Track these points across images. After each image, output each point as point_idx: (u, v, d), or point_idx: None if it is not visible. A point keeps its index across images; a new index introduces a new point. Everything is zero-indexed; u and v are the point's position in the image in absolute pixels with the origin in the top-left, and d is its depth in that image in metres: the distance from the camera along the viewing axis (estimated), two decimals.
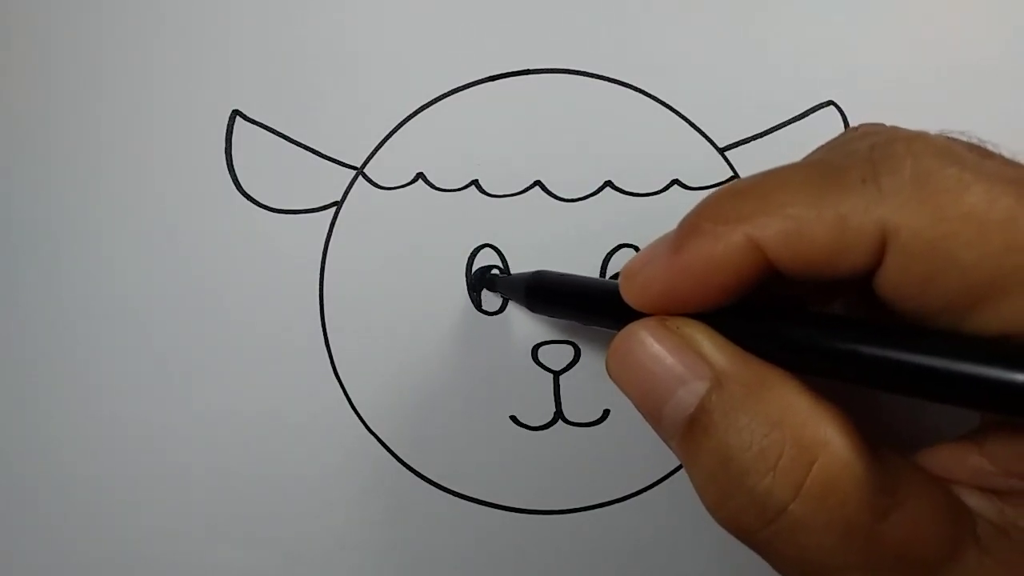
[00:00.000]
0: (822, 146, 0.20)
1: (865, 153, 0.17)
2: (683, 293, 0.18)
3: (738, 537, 0.18)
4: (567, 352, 0.30)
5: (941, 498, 0.17)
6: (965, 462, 0.18)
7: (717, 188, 0.19)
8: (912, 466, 0.18)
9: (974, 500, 0.18)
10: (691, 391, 0.18)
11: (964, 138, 0.18)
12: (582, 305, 0.24)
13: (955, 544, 0.17)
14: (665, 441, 0.19)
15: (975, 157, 0.16)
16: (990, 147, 0.17)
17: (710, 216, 0.18)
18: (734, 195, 0.18)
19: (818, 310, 0.20)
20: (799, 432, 0.17)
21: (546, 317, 0.29)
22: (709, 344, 0.18)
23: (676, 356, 0.18)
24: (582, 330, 0.29)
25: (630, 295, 0.19)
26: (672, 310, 0.19)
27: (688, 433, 0.18)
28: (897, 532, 0.16)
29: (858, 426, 0.17)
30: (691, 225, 0.18)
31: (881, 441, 0.17)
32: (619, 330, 0.20)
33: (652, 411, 0.19)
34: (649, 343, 0.19)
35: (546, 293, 0.26)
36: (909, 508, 0.17)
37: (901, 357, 0.15)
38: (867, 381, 0.16)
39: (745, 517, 0.17)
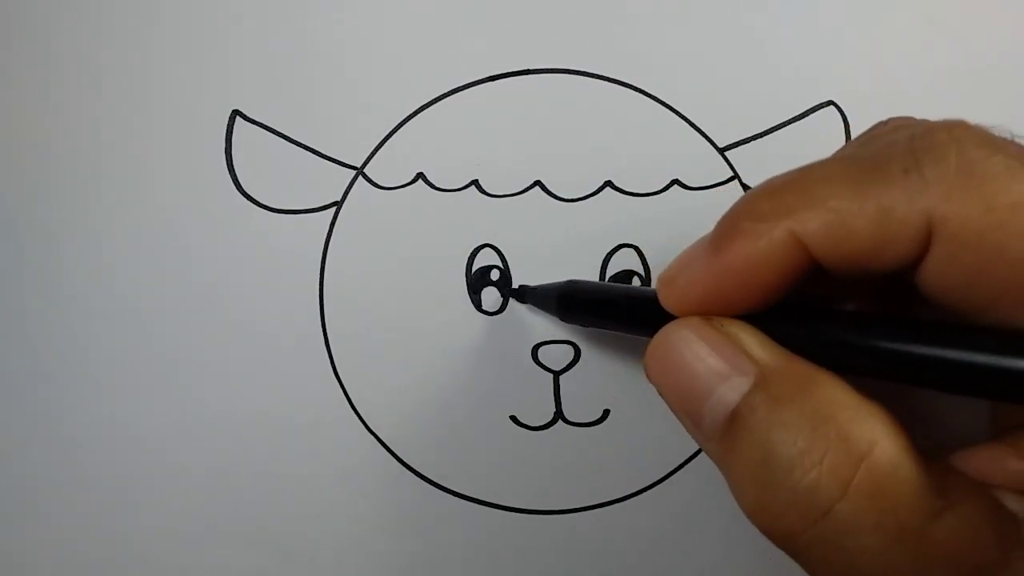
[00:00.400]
0: (853, 141, 0.20)
1: (905, 143, 0.17)
2: (725, 295, 0.18)
3: (779, 543, 0.17)
4: (567, 352, 0.30)
5: (988, 501, 0.17)
6: (1004, 465, 0.18)
7: (751, 189, 0.18)
8: (954, 469, 0.18)
9: (1016, 504, 0.17)
10: (733, 387, 0.17)
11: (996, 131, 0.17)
12: (617, 313, 0.24)
13: (1005, 548, 0.16)
14: (702, 444, 0.19)
15: (1016, 147, 0.16)
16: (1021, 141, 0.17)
17: (749, 214, 0.18)
18: (771, 192, 0.18)
19: (856, 309, 0.20)
20: (847, 428, 0.16)
21: (544, 317, 0.29)
22: (752, 341, 0.18)
23: (719, 352, 0.18)
24: (582, 330, 0.29)
25: (670, 300, 0.19)
26: (713, 313, 0.18)
27: (728, 432, 0.17)
28: (949, 536, 0.16)
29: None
30: (730, 225, 0.18)
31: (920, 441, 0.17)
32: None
33: (692, 409, 0.18)
34: (690, 339, 0.18)
35: (579, 302, 0.26)
36: (959, 511, 0.16)
37: (950, 355, 0.15)
38: (915, 380, 0.16)
39: (788, 518, 0.16)
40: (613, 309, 0.24)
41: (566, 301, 0.26)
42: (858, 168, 0.17)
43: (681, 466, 0.29)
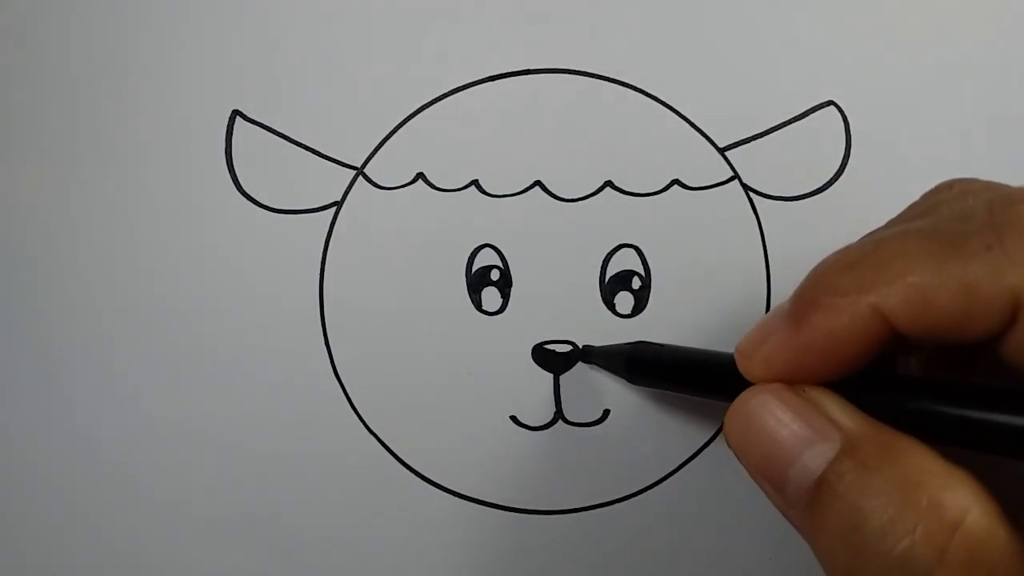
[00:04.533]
0: (916, 206, 0.20)
1: (984, 218, 0.17)
2: (806, 366, 0.18)
3: None
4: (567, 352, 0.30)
5: None
6: None
7: (824, 260, 0.19)
8: None
9: None
10: (819, 454, 0.17)
11: None
12: (692, 379, 0.24)
13: None
14: (783, 510, 0.19)
15: None
16: None
17: (827, 289, 0.18)
18: (848, 266, 0.18)
19: (943, 377, 0.20)
20: (939, 496, 0.16)
21: (544, 317, 0.29)
22: (836, 408, 0.18)
23: (803, 418, 0.18)
24: (582, 331, 0.29)
25: (751, 371, 0.19)
26: (794, 383, 0.19)
27: (815, 499, 0.17)
28: None
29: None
30: (809, 299, 0.18)
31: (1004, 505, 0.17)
32: (731, 402, 0.19)
33: (775, 476, 0.18)
34: (773, 405, 0.18)
35: (650, 366, 0.26)
36: None
37: None
38: (998, 449, 0.16)
39: None
40: (687, 374, 0.24)
41: (635, 364, 0.26)
42: (937, 242, 0.17)
43: (681, 466, 0.29)
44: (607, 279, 0.30)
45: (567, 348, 0.29)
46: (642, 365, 0.26)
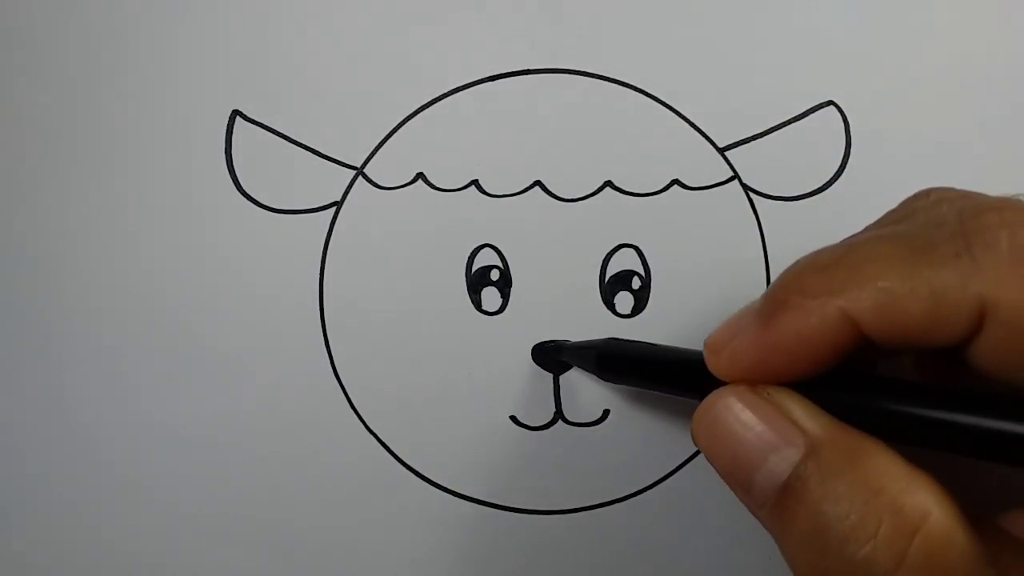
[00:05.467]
0: (893, 212, 0.20)
1: (955, 225, 0.17)
2: (773, 366, 0.18)
3: None
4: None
5: None
6: None
7: (797, 261, 0.19)
8: (1004, 532, 0.18)
9: None
10: (784, 458, 0.17)
11: None
12: (660, 376, 0.24)
13: None
14: (752, 510, 0.19)
15: None
16: None
17: (797, 290, 0.18)
18: (820, 269, 0.18)
19: (904, 377, 0.20)
20: (899, 500, 0.16)
21: (544, 316, 0.29)
22: (800, 411, 0.18)
23: (767, 422, 0.18)
24: (582, 331, 0.29)
25: (718, 368, 0.19)
26: (760, 381, 0.19)
27: (780, 502, 0.18)
28: None
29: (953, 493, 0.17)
30: (779, 299, 0.18)
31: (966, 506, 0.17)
32: (701, 399, 0.19)
33: (741, 479, 0.18)
34: (738, 409, 0.18)
35: (619, 362, 0.26)
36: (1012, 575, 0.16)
37: (998, 426, 0.15)
38: (962, 449, 0.16)
39: None
40: (656, 371, 0.24)
41: (605, 360, 0.26)
42: (908, 248, 0.17)
43: (681, 466, 0.29)
44: (607, 279, 0.30)
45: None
46: (612, 362, 0.26)
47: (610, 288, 0.30)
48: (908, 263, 0.17)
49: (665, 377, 0.24)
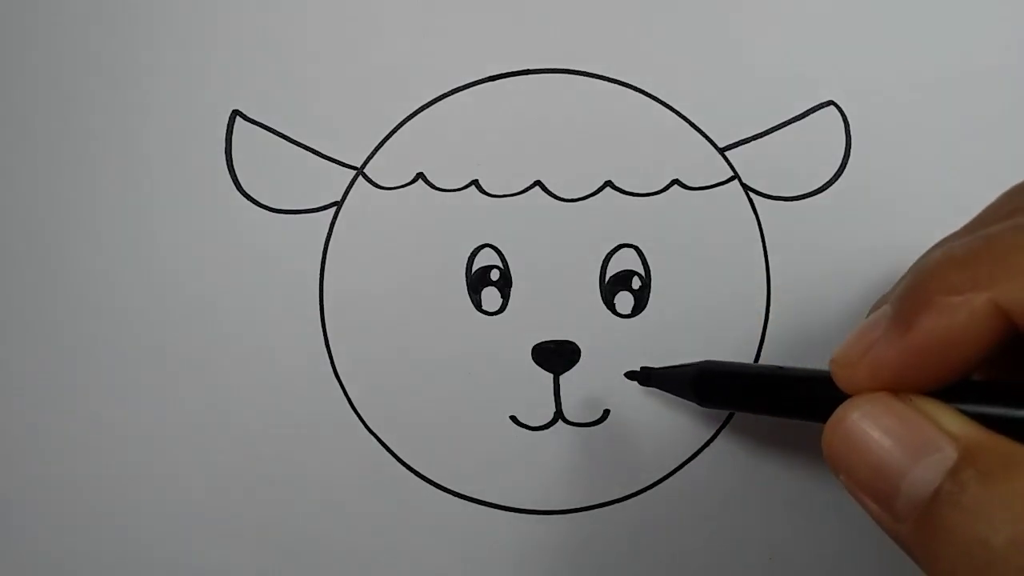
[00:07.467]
0: (1002, 204, 0.19)
1: None
2: (917, 374, 0.17)
3: None
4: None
5: None
6: None
7: (927, 261, 0.18)
8: None
9: None
10: (934, 464, 0.16)
11: None
12: (775, 398, 0.22)
13: None
14: (889, 527, 0.18)
15: None
16: None
17: (939, 288, 0.17)
18: (961, 264, 0.17)
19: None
20: None
21: (544, 316, 0.29)
22: (946, 416, 0.17)
23: (913, 428, 0.17)
24: (582, 330, 0.29)
25: (854, 382, 0.18)
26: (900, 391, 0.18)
27: (930, 512, 0.16)
28: None
29: None
30: (920, 300, 0.17)
31: None
32: (823, 421, 0.18)
33: (884, 490, 0.17)
34: (877, 416, 0.17)
35: (722, 386, 0.24)
36: None
37: None
38: None
39: None
40: (769, 393, 0.23)
41: (705, 385, 0.25)
42: None
43: (681, 466, 0.29)
44: (607, 279, 0.30)
45: (569, 348, 0.29)
46: (714, 386, 0.25)
47: (610, 288, 0.30)
48: None
49: (782, 400, 0.22)
